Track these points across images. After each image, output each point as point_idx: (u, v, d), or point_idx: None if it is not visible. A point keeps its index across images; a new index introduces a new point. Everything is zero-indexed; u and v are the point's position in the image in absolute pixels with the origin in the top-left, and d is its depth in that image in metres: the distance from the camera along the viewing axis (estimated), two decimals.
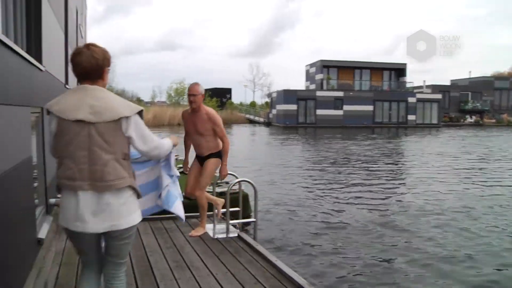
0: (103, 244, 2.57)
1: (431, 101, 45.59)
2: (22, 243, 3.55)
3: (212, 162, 5.19)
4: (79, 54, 2.38)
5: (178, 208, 3.26)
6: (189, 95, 5.07)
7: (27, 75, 4.02)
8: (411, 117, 44.97)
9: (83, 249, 2.57)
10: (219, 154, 5.24)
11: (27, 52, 4.53)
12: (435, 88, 48.87)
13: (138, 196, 2.53)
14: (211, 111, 5.16)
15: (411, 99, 45.01)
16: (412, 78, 67.41)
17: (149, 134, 2.52)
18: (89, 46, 2.41)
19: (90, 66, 2.38)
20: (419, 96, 45.59)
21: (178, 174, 3.24)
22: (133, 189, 2.47)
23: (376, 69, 47.16)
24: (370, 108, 43.98)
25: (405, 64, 47.40)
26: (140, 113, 2.45)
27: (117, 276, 2.59)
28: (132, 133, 2.40)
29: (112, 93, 2.46)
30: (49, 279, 3.97)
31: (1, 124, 2.87)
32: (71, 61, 2.41)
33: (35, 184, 4.59)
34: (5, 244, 2.89)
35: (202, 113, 5.12)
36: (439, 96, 46.45)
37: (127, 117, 2.37)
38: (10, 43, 3.12)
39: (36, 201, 4.68)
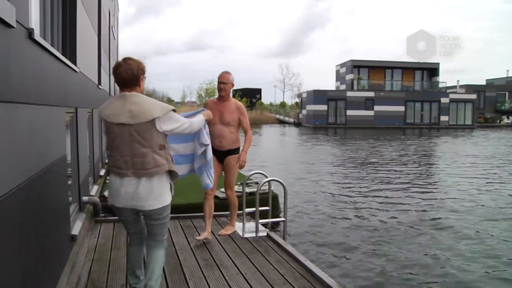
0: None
1: (465, 101, 44.46)
2: (57, 239, 3.65)
3: (234, 159, 5.08)
4: (118, 67, 2.98)
5: (205, 179, 4.33)
6: (219, 82, 5.02)
7: (62, 76, 4.13)
8: (443, 118, 43.97)
9: (125, 221, 3.20)
10: (239, 150, 5.16)
11: (63, 53, 4.65)
12: (470, 88, 47.64)
13: (173, 175, 3.12)
14: (239, 102, 5.23)
15: (444, 100, 44.01)
16: (445, 78, 65.93)
17: (180, 121, 3.10)
18: (126, 60, 3.01)
19: (127, 76, 2.96)
20: (452, 96, 44.54)
21: (209, 142, 4.12)
22: (170, 172, 3.07)
23: (408, 69, 46.34)
24: (401, 108, 43.25)
25: (438, 64, 46.43)
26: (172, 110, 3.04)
27: (154, 246, 3.19)
28: (165, 128, 2.97)
29: (147, 97, 3.02)
30: (82, 274, 4.06)
31: (38, 123, 2.95)
32: (113, 73, 3.01)
33: (69, 182, 4.70)
34: (42, 239, 2.97)
35: (231, 102, 5.10)
36: (473, 96, 45.26)
37: (159, 117, 2.91)
38: (47, 45, 3.21)
39: (70, 198, 4.79)
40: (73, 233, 4.45)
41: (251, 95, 59.52)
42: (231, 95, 5.24)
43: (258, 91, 64.44)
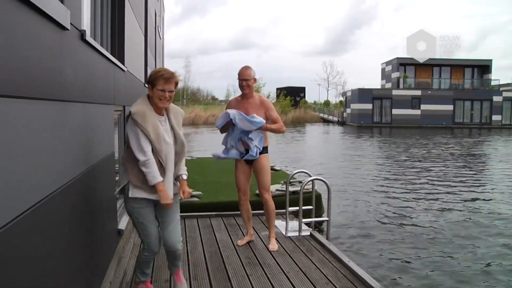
0: None
1: None
2: (105, 233, 3.77)
3: (266, 158, 4.70)
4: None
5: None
6: (241, 79, 4.57)
7: (111, 75, 4.25)
8: (496, 117, 42.09)
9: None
10: (267, 149, 4.76)
11: (111, 53, 4.79)
12: None
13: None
14: (263, 96, 4.86)
15: (497, 98, 42.11)
16: (499, 75, 62.95)
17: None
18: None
19: None
20: (506, 94, 42.48)
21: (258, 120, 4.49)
22: None
23: (457, 66, 44.65)
24: (449, 107, 41.82)
25: (490, 61, 44.56)
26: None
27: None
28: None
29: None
30: (128, 268, 4.17)
31: (89, 121, 3.06)
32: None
33: (117, 178, 4.84)
34: (91, 232, 3.08)
35: (255, 98, 4.68)
36: None
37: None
38: (98, 46, 3.32)
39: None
40: (120, 227, 4.59)
41: (295, 94, 59.30)
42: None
43: (302, 89, 64.12)
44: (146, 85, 8.66)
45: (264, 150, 4.67)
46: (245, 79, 4.55)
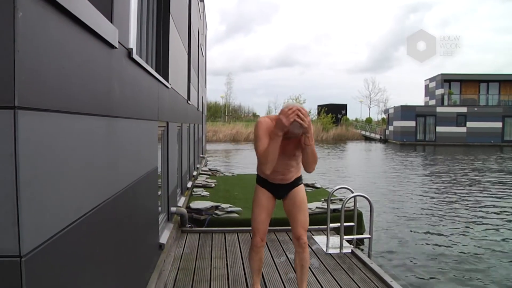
0: None
1: None
2: (147, 246, 3.84)
3: (303, 191, 3.62)
4: None
5: None
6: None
7: (156, 92, 4.38)
8: None
9: None
10: (301, 178, 3.69)
11: (156, 71, 4.94)
12: None
13: None
14: None
15: None
16: None
17: None
18: None
19: None
20: None
21: None
22: None
23: (507, 82, 43.04)
24: (498, 124, 40.27)
25: None
26: None
27: None
28: None
29: None
30: (168, 282, 4.23)
31: (134, 136, 3.16)
32: None
33: (159, 193, 4.94)
34: (134, 245, 3.15)
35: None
36: None
37: None
38: (144, 64, 3.43)
39: (160, 208, 5.04)
40: (161, 241, 4.66)
41: (336, 111, 58.87)
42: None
43: (344, 106, 63.63)
44: (189, 102, 8.88)
45: (300, 179, 3.65)
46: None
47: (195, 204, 7.21)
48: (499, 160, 24.63)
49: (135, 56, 3.02)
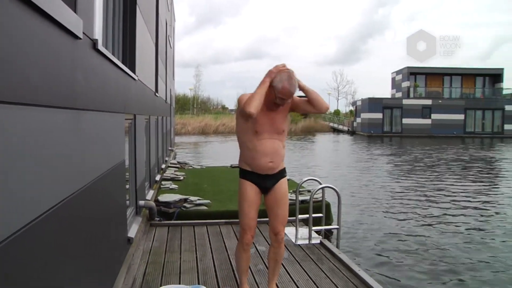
0: None
1: None
2: (115, 241, 3.79)
3: (286, 184, 3.49)
4: None
5: None
6: (283, 99, 3.20)
7: (122, 84, 4.30)
8: (508, 127, 41.65)
9: None
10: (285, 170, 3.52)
11: (123, 62, 4.85)
12: None
13: None
14: None
15: (509, 107, 41.74)
16: (511, 84, 62.25)
17: None
18: None
19: None
20: None
21: None
22: None
23: (468, 75, 44.39)
24: (460, 117, 41.54)
25: (502, 69, 44.17)
26: None
27: None
28: None
29: None
30: (137, 276, 4.19)
31: (100, 129, 3.10)
32: None
33: (127, 186, 4.88)
34: (101, 240, 3.10)
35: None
36: None
37: None
38: (109, 55, 3.36)
39: (128, 202, 4.97)
40: (129, 235, 4.61)
41: None
42: None
43: None
44: (157, 94, 8.76)
45: (285, 170, 3.49)
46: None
47: (164, 197, 7.16)
48: (460, 151, 25.36)
49: (100, 47, 2.96)
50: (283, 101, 3.17)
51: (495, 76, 44.40)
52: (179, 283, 4.02)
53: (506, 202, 10.74)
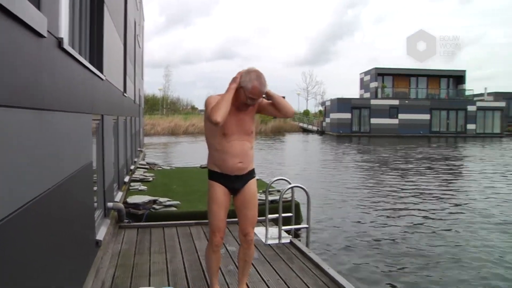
0: None
1: (493, 109, 43.43)
2: (83, 244, 3.71)
3: (255, 185, 3.48)
4: None
5: None
6: (253, 99, 3.20)
7: (90, 84, 4.22)
8: (470, 126, 43.07)
9: None
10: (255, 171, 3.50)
11: (90, 62, 4.76)
12: (498, 96, 46.35)
13: None
14: None
15: (471, 108, 43.16)
16: (473, 86, 64.30)
17: None
18: None
19: None
20: (479, 104, 43.61)
21: None
22: None
23: (433, 77, 45.62)
24: (426, 117, 42.61)
25: (464, 71, 45.62)
26: None
27: None
28: None
29: None
30: (106, 279, 4.12)
31: (66, 130, 3.03)
32: None
33: (95, 188, 4.79)
34: (68, 243, 3.03)
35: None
36: (502, 104, 44.03)
37: None
38: (76, 54, 3.30)
39: (96, 204, 4.88)
40: (97, 238, 4.53)
41: None
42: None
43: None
44: (125, 95, 8.64)
45: (254, 171, 3.48)
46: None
47: (133, 199, 7.06)
48: (426, 150, 25.98)
49: (66, 46, 2.90)
50: (253, 101, 3.18)
51: (458, 78, 45.79)
52: (149, 286, 3.97)
53: (470, 196, 11.07)
